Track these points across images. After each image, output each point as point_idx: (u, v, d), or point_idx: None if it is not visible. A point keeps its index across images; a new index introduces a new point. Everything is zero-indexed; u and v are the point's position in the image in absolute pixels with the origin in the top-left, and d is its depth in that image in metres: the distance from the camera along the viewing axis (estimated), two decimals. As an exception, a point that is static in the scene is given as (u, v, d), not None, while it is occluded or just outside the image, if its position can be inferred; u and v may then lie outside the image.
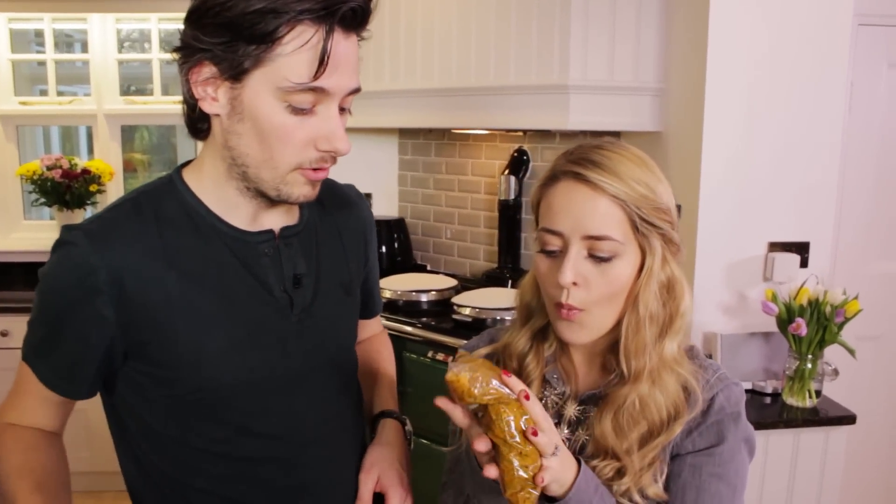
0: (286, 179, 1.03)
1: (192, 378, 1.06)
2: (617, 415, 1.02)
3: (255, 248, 1.10)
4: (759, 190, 2.27)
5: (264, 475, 1.13)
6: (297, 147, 1.00)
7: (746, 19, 2.21)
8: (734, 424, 1.03)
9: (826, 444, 2.13)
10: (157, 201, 1.08)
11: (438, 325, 2.80)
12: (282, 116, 0.98)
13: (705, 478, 1.01)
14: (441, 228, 3.58)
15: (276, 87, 0.96)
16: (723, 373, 1.07)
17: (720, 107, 2.24)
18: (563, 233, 1.00)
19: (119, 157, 3.91)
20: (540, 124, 2.70)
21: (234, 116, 1.00)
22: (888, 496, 2.81)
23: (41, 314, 1.07)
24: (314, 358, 1.16)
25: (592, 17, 2.49)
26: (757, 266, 2.31)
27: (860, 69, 2.49)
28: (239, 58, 0.95)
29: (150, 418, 1.10)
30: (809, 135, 2.27)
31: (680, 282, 1.05)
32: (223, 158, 1.05)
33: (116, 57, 3.83)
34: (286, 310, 1.12)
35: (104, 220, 1.06)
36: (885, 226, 2.66)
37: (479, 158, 3.39)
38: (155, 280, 1.03)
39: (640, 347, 1.02)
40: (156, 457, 1.12)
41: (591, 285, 1.00)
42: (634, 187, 0.98)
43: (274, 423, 1.13)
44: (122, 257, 1.01)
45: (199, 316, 1.05)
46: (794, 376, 2.13)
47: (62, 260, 1.02)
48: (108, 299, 1.01)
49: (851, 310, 2.08)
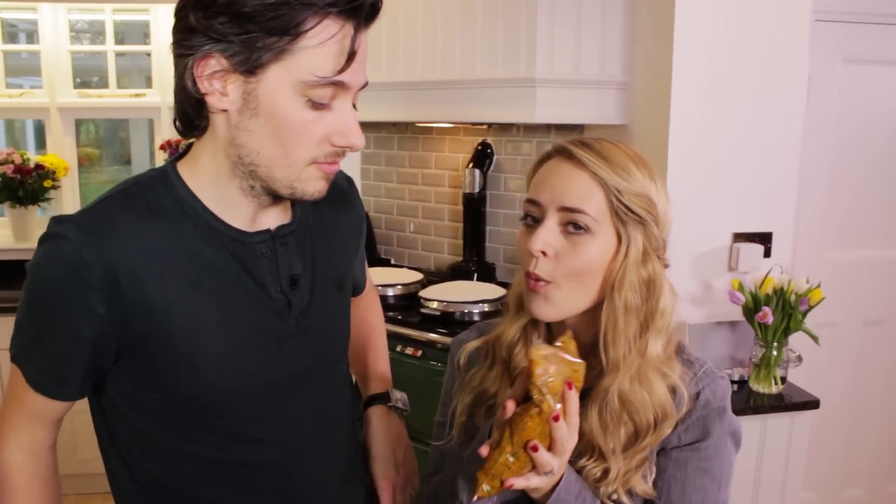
0: (301, 176, 0.99)
1: (189, 381, 1.03)
2: (602, 409, 1.02)
3: (253, 249, 1.06)
4: (723, 182, 2.33)
5: (258, 481, 1.11)
6: (314, 143, 0.97)
7: (710, 15, 2.25)
8: (719, 419, 1.04)
9: (791, 428, 2.20)
10: (152, 194, 1.02)
11: (406, 319, 2.80)
12: (301, 112, 0.94)
13: (690, 472, 1.02)
14: (405, 222, 3.58)
15: (299, 81, 0.92)
16: (709, 367, 1.08)
17: (685, 100, 2.28)
18: (542, 202, 1.02)
19: (74, 152, 3.79)
20: (507, 118, 2.72)
21: (245, 112, 0.95)
22: (850, 474, 2.92)
23: (29, 311, 1.01)
24: (310, 360, 1.14)
25: (559, 11, 2.52)
26: (722, 256, 2.36)
27: (816, 64, 2.56)
28: (257, 51, 0.91)
29: (140, 422, 1.06)
30: (771, 128, 2.33)
31: (661, 280, 1.04)
32: (227, 156, 1.00)
33: (69, 48, 3.72)
34: (284, 312, 1.09)
35: (96, 212, 1.00)
36: (841, 216, 2.74)
37: (443, 152, 3.39)
38: (152, 278, 0.98)
39: (617, 337, 1.02)
40: (146, 461, 1.09)
41: (560, 258, 1.01)
42: (620, 173, 1.00)
43: (270, 427, 1.10)
44: (118, 253, 0.97)
45: (197, 317, 1.01)
46: (761, 363, 2.19)
47: (51, 254, 0.98)
48: (101, 296, 0.96)
49: (815, 298, 2.15)
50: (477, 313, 2.71)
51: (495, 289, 2.90)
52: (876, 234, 2.79)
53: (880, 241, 2.80)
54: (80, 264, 0.95)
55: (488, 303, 2.73)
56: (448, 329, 2.63)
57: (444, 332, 2.63)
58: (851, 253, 2.77)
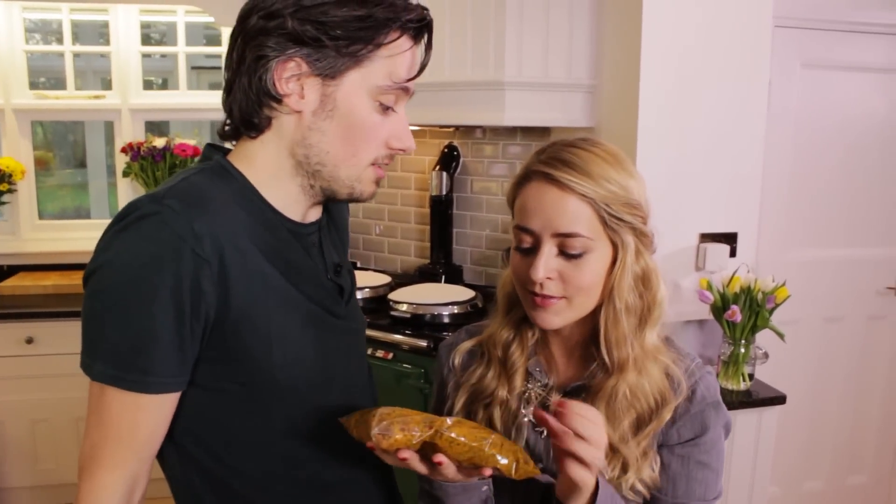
0: (362, 176, 1.07)
1: (276, 360, 1.02)
2: (610, 406, 1.05)
3: (306, 239, 1.11)
4: (689, 183, 2.37)
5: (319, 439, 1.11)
6: (377, 144, 1.05)
7: (676, 20, 2.29)
8: (715, 413, 1.08)
9: (759, 424, 2.25)
10: (221, 180, 1.03)
11: (376, 322, 2.79)
12: (371, 114, 1.03)
13: (692, 467, 1.07)
14: (370, 225, 3.57)
15: (375, 86, 1.02)
16: (698, 361, 1.12)
17: (651, 103, 2.32)
18: (535, 231, 1.03)
19: (30, 155, 3.69)
20: (476, 120, 2.73)
21: (321, 113, 1.02)
22: (810, 467, 3.00)
23: (124, 309, 0.92)
24: (356, 343, 1.22)
25: (527, 14, 2.54)
26: (689, 256, 2.41)
27: (776, 69, 2.63)
28: (343, 56, 0.99)
29: (224, 415, 1.04)
30: (736, 130, 2.38)
31: (655, 272, 1.09)
32: (292, 155, 1.05)
33: (24, 48, 3.63)
34: (337, 296, 1.16)
35: (186, 189, 0.98)
36: (801, 216, 2.82)
37: (409, 154, 3.38)
38: (248, 253, 0.99)
39: (620, 338, 1.05)
40: (199, 450, 1.05)
41: (564, 277, 1.03)
42: (604, 185, 1.01)
43: (336, 398, 1.12)
44: (220, 226, 0.96)
45: (282, 293, 1.04)
46: (729, 361, 2.24)
47: (156, 232, 0.91)
48: (209, 272, 0.93)
49: (781, 296, 2.20)
50: (447, 315, 2.72)
51: (464, 290, 2.92)
52: (836, 233, 2.88)
53: (840, 241, 2.89)
54: (192, 238, 0.92)
55: (458, 304, 2.74)
56: (417, 331, 2.63)
57: (414, 334, 2.63)
58: (812, 252, 2.85)
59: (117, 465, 0.96)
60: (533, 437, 1.12)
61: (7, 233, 3.69)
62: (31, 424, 3.18)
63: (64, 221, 3.84)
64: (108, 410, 0.95)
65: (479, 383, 1.16)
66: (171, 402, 0.99)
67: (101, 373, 0.94)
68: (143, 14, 3.69)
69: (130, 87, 3.70)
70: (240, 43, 1.02)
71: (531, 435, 1.12)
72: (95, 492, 0.96)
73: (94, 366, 0.94)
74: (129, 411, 0.95)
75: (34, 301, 3.27)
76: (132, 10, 3.64)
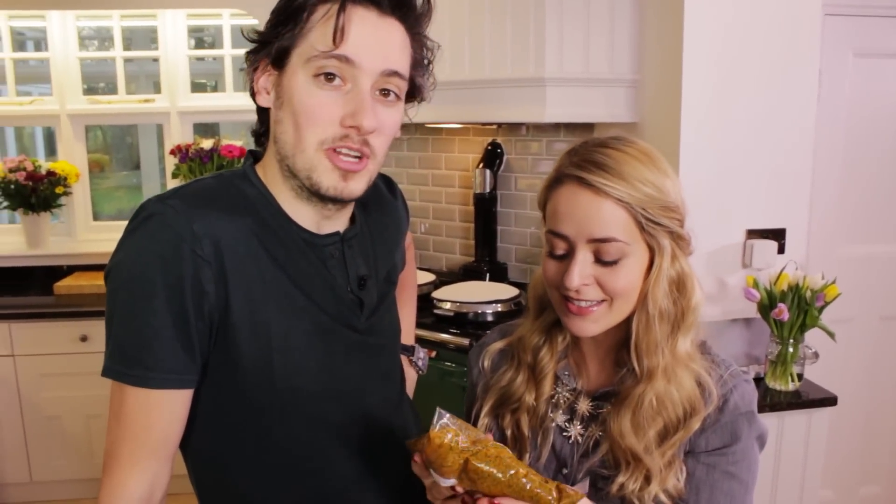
0: (314, 164, 1.01)
1: (276, 366, 1.03)
2: (636, 414, 1.02)
3: (323, 251, 1.09)
4: (735, 178, 2.31)
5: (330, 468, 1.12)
6: (324, 124, 1.00)
7: (719, 10, 2.24)
8: (748, 424, 1.03)
9: (809, 426, 2.18)
10: (239, 185, 1.06)
11: (420, 321, 2.77)
12: (311, 91, 0.99)
13: (718, 476, 1.02)
14: (416, 223, 3.57)
15: (306, 60, 0.99)
16: (735, 369, 1.07)
17: (696, 96, 2.27)
18: (569, 236, 1.00)
19: (84, 158, 3.81)
20: (517, 117, 2.71)
21: (277, 103, 1.03)
22: (865, 473, 2.89)
23: (132, 307, 0.96)
24: (376, 358, 1.18)
25: (567, 9, 2.51)
26: (736, 253, 2.35)
27: (827, 58, 2.55)
28: (280, 41, 1.00)
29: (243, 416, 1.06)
30: (783, 123, 2.31)
31: (690, 277, 1.05)
32: (275, 156, 1.05)
33: (78, 55, 3.73)
34: (356, 310, 1.12)
35: (194, 192, 1.02)
36: (853, 210, 2.73)
37: (453, 152, 3.38)
38: (250, 258, 1.00)
39: (651, 345, 1.02)
40: (211, 450, 1.09)
41: (602, 283, 1.00)
42: (639, 188, 0.98)
43: (343, 411, 1.12)
44: (222, 229, 0.98)
45: (287, 302, 1.03)
46: (777, 361, 2.18)
47: (158, 232, 0.95)
48: (210, 274, 0.96)
49: (831, 294, 2.13)
50: (490, 313, 2.71)
51: (508, 289, 2.90)
52: (889, 228, 2.77)
53: (894, 236, 2.78)
54: (191, 238, 0.95)
55: (501, 303, 2.73)
56: (461, 329, 2.63)
57: (458, 332, 2.62)
58: (865, 248, 2.75)
59: (134, 463, 0.98)
60: (559, 441, 1.10)
61: (63, 234, 3.80)
62: (87, 420, 3.30)
63: (118, 222, 3.94)
64: (123, 409, 0.98)
65: (508, 387, 1.14)
66: (182, 401, 1.01)
67: (108, 368, 0.98)
68: (191, 18, 3.75)
69: (179, 90, 3.77)
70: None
71: (557, 439, 1.10)
72: (116, 488, 0.98)
73: (105, 362, 0.98)
74: (142, 409, 0.98)
75: (89, 300, 3.35)
76: (180, 15, 3.71)
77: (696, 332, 1.06)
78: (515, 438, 1.12)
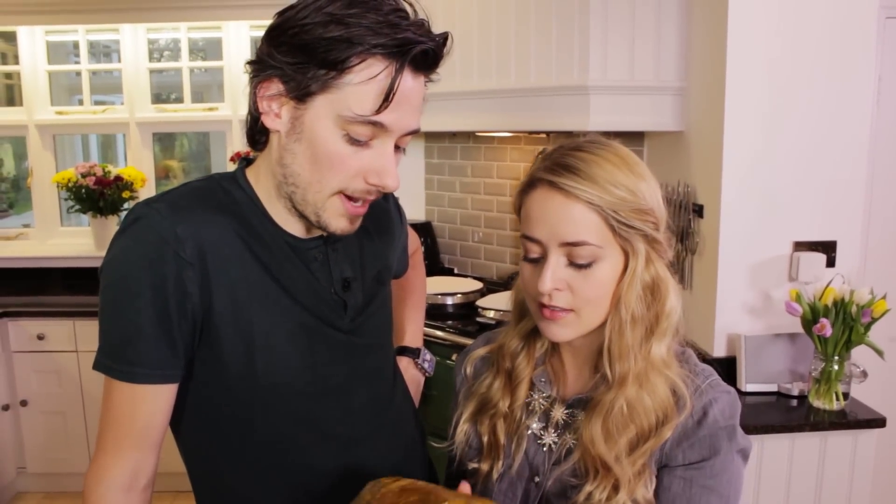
0: (326, 205, 1.03)
1: (258, 364, 1.05)
2: (606, 421, 1.00)
3: (306, 254, 1.11)
4: (783, 188, 2.23)
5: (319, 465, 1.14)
6: (347, 176, 1.01)
7: (765, 15, 2.17)
8: (728, 438, 1.00)
9: (855, 448, 2.08)
10: (227, 189, 1.09)
11: (463, 328, 2.80)
12: (338, 144, 0.99)
13: (696, 490, 0.99)
14: (468, 231, 3.58)
15: (338, 115, 0.97)
16: (714, 379, 1.04)
17: (741, 104, 2.20)
18: (541, 240, 0.99)
19: (151, 164, 3.97)
20: (561, 126, 2.68)
21: (292, 135, 1.01)
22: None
23: (117, 305, 1.00)
24: (363, 358, 1.19)
25: (612, 17, 2.48)
26: (782, 266, 2.27)
27: (889, 63, 2.43)
28: (307, 80, 0.96)
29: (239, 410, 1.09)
30: (835, 131, 2.22)
31: (665, 281, 1.02)
32: (274, 175, 1.05)
33: (147, 66, 3.90)
34: (340, 311, 1.13)
35: (180, 195, 1.05)
36: (918, 223, 2.59)
37: (505, 161, 3.38)
38: (234, 260, 1.03)
39: (624, 350, 1.00)
40: (199, 444, 1.13)
41: (574, 289, 0.99)
42: (611, 190, 0.96)
43: (331, 412, 1.14)
44: (206, 232, 1.01)
45: (271, 302, 1.06)
46: (821, 378, 2.09)
47: (143, 234, 0.99)
48: (192, 274, 0.99)
49: (879, 309, 2.03)
50: (532, 323, 2.68)
51: (552, 298, 2.86)
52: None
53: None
54: (174, 241, 0.98)
55: (543, 312, 2.70)
56: (501, 338, 2.61)
57: (497, 341, 2.60)
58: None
59: (118, 451, 1.03)
60: (533, 449, 1.09)
61: (130, 237, 3.94)
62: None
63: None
64: (111, 400, 1.03)
65: (486, 393, 1.14)
66: (166, 395, 1.05)
67: (98, 362, 1.03)
68: (253, 30, 3.86)
69: (239, 98, 3.89)
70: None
71: (531, 447, 1.09)
72: (99, 472, 1.04)
73: (96, 355, 1.03)
74: (127, 401, 1.03)
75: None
76: (243, 27, 3.83)
77: (673, 339, 1.03)
78: (491, 445, 1.11)
